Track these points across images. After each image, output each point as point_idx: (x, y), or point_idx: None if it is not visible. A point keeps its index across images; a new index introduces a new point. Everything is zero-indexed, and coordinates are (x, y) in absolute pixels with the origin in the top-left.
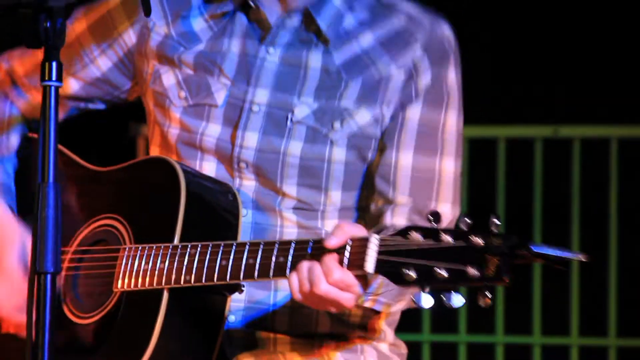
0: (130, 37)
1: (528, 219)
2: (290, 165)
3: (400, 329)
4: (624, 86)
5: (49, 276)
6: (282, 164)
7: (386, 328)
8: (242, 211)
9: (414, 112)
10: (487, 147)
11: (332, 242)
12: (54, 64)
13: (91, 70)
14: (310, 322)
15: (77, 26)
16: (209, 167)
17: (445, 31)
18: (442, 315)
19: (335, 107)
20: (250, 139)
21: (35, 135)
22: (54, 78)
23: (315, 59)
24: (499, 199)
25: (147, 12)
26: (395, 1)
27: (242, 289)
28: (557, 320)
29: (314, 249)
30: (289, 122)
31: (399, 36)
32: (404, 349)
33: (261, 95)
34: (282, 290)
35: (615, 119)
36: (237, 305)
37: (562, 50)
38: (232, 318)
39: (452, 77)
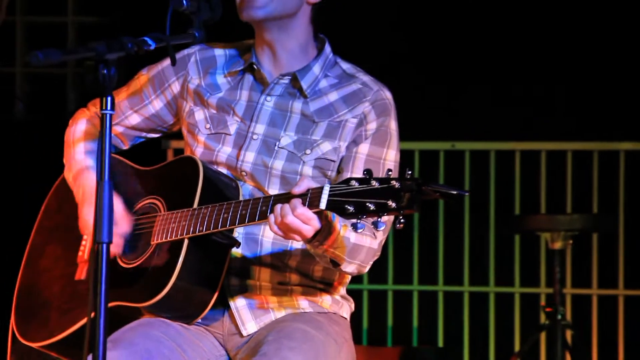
0: (176, 86)
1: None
2: (274, 176)
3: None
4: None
5: (104, 245)
6: (269, 175)
7: (337, 285)
8: (241, 197)
9: (364, 148)
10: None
11: (296, 190)
12: (109, 98)
13: (149, 108)
14: (285, 276)
15: (142, 78)
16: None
17: (387, 94)
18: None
19: (307, 139)
20: (249, 157)
21: (115, 156)
22: (108, 108)
23: (297, 107)
24: None
25: (173, 62)
26: (356, 72)
27: (239, 244)
28: None
29: (285, 198)
30: (276, 147)
31: (355, 95)
32: (352, 302)
33: (259, 129)
34: (269, 251)
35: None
36: (233, 265)
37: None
38: (231, 273)
39: (392, 125)
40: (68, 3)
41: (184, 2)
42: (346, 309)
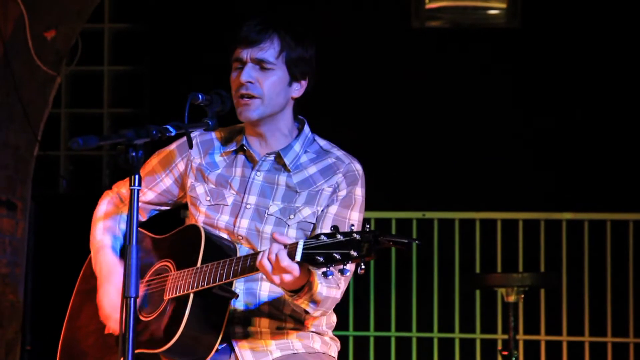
0: (181, 165)
1: None
2: (265, 238)
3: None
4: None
5: (132, 299)
6: (260, 238)
7: (327, 329)
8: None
9: (333, 209)
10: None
11: (280, 239)
12: (137, 177)
13: (160, 185)
14: (282, 321)
15: (153, 161)
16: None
17: (357, 166)
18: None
19: (291, 207)
20: (244, 223)
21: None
22: (136, 184)
23: (282, 180)
24: None
25: (190, 146)
26: (330, 148)
27: (237, 295)
28: None
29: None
30: (266, 214)
31: (330, 168)
32: (338, 342)
33: (252, 199)
34: (265, 302)
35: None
36: (237, 315)
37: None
38: (235, 321)
39: (359, 192)
40: (104, 98)
41: (200, 96)
42: (334, 349)
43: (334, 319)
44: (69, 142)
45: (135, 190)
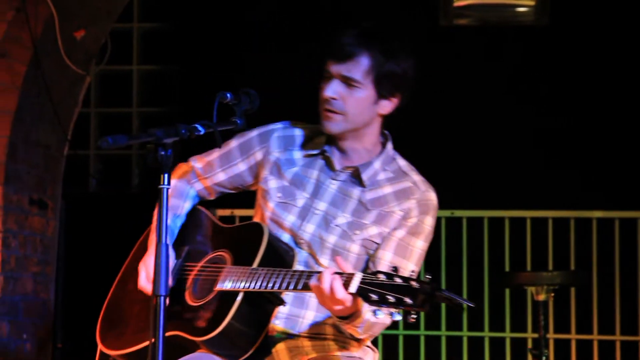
0: (258, 154)
1: None
2: (327, 248)
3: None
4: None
5: (162, 297)
6: (322, 246)
7: (368, 342)
8: (295, 263)
9: (400, 233)
10: None
11: (340, 264)
12: (166, 175)
13: (233, 169)
14: (321, 328)
15: (233, 143)
16: (285, 237)
17: (432, 195)
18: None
19: (359, 222)
20: (309, 228)
21: (200, 207)
22: (165, 184)
23: (356, 194)
24: None
25: (219, 144)
26: (409, 171)
27: (285, 304)
28: None
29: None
30: (332, 224)
31: (405, 192)
32: (377, 352)
33: (322, 206)
34: (310, 310)
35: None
36: (281, 315)
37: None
38: (277, 322)
39: (429, 222)
40: (133, 97)
41: (228, 95)
42: (371, 355)
43: None
44: (99, 141)
45: (165, 190)
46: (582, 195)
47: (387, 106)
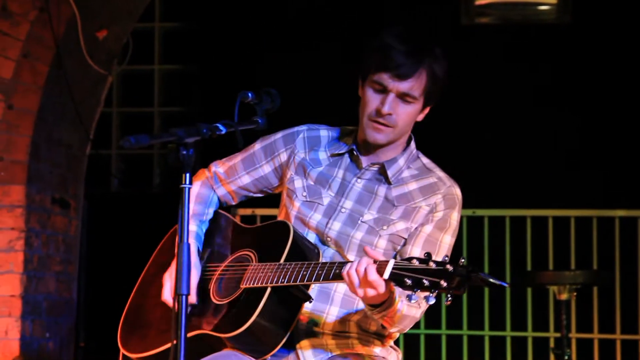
0: (283, 156)
1: None
2: (354, 244)
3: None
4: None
5: (183, 297)
6: (349, 243)
7: (388, 338)
8: (321, 260)
9: (427, 228)
10: None
11: (370, 253)
12: (188, 175)
13: (258, 171)
14: (346, 326)
15: (256, 145)
16: (311, 236)
17: (457, 190)
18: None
19: (386, 218)
20: (336, 226)
21: (219, 210)
22: (187, 183)
23: (381, 191)
24: None
25: (241, 145)
26: (433, 168)
27: (312, 300)
28: None
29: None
30: (359, 221)
31: (431, 187)
32: (400, 352)
33: (348, 204)
34: (334, 306)
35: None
36: (305, 311)
37: None
38: (301, 318)
39: (455, 216)
40: (154, 96)
41: (249, 94)
42: (394, 356)
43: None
44: (121, 141)
45: (186, 189)
46: (605, 194)
47: (423, 114)
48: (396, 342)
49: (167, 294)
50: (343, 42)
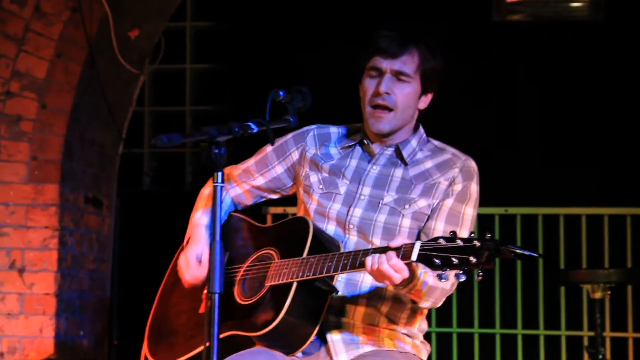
0: (295, 155)
1: None
2: (378, 227)
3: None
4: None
5: (216, 295)
6: (373, 227)
7: (418, 332)
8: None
9: (448, 202)
10: None
11: (392, 244)
12: (220, 173)
13: (272, 172)
14: (375, 318)
15: (268, 148)
16: (331, 228)
17: (472, 163)
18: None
19: (406, 197)
20: (357, 212)
21: (233, 213)
22: (219, 181)
23: (398, 173)
24: None
25: (272, 143)
26: (445, 147)
27: (338, 292)
28: None
29: (382, 250)
30: (380, 204)
31: (447, 163)
32: (429, 347)
33: (366, 190)
34: (364, 294)
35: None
36: (334, 302)
37: None
38: (331, 311)
39: (474, 188)
40: (186, 95)
41: (281, 93)
42: (424, 352)
43: (425, 324)
44: (154, 140)
45: (219, 187)
46: (639, 192)
47: (424, 101)
48: (427, 339)
49: (182, 262)
50: (364, 42)
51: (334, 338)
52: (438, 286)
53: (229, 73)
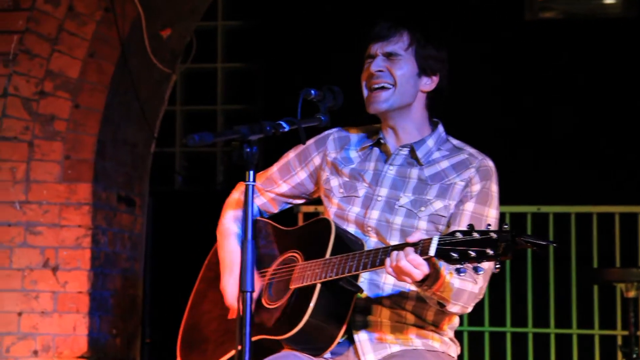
0: (317, 159)
1: None
2: (395, 229)
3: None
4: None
5: (248, 294)
6: (390, 229)
7: (448, 329)
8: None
9: (469, 206)
10: None
11: (410, 239)
12: (252, 172)
13: (295, 178)
14: (401, 316)
15: (290, 154)
16: (350, 230)
17: (489, 162)
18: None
19: (422, 199)
20: (374, 215)
21: (261, 218)
22: (251, 180)
23: (414, 173)
24: None
25: (304, 141)
26: (463, 146)
27: (362, 291)
28: None
29: (401, 247)
30: (396, 206)
31: (463, 163)
32: (458, 345)
33: (383, 192)
34: (388, 294)
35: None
36: (360, 302)
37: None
38: (357, 310)
39: (494, 188)
40: (217, 94)
41: (312, 92)
42: (453, 349)
43: (456, 320)
44: (185, 139)
45: (250, 186)
46: None
47: (428, 83)
48: (459, 338)
49: (231, 298)
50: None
51: (361, 338)
52: (466, 289)
53: (260, 72)
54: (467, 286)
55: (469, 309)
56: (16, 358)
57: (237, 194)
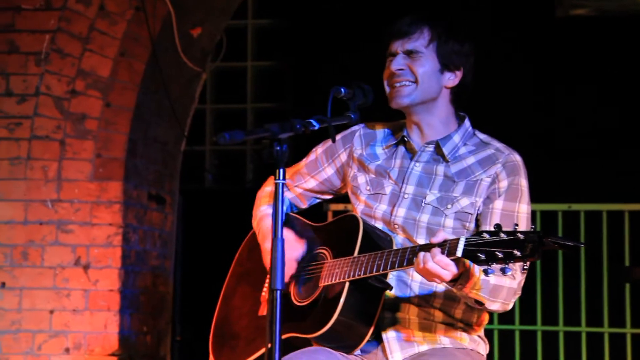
0: (344, 156)
1: None
2: (421, 227)
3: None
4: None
5: (278, 292)
6: (417, 227)
7: (476, 326)
8: (394, 247)
9: (498, 204)
10: None
11: (434, 240)
12: (282, 170)
13: (322, 174)
14: (430, 313)
15: (317, 151)
16: (378, 227)
17: (517, 157)
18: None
19: (449, 196)
20: (401, 212)
21: (291, 214)
22: (281, 178)
23: (440, 170)
24: None
25: (333, 140)
26: (490, 141)
27: (391, 288)
28: None
29: (428, 247)
30: (422, 203)
31: (489, 158)
32: (487, 343)
33: (409, 189)
34: (416, 291)
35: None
36: (388, 300)
37: None
38: (386, 308)
39: (523, 182)
40: (247, 93)
41: (342, 90)
42: (483, 347)
43: (485, 318)
44: (216, 137)
45: (280, 184)
46: None
47: (452, 79)
48: (489, 339)
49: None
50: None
51: (389, 336)
52: (504, 285)
53: (290, 70)
54: (504, 282)
55: (510, 306)
56: (48, 355)
57: (270, 187)
